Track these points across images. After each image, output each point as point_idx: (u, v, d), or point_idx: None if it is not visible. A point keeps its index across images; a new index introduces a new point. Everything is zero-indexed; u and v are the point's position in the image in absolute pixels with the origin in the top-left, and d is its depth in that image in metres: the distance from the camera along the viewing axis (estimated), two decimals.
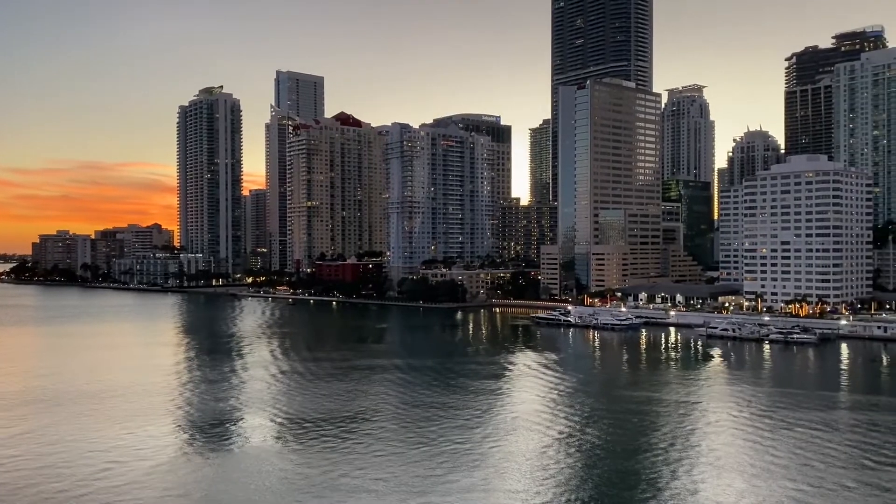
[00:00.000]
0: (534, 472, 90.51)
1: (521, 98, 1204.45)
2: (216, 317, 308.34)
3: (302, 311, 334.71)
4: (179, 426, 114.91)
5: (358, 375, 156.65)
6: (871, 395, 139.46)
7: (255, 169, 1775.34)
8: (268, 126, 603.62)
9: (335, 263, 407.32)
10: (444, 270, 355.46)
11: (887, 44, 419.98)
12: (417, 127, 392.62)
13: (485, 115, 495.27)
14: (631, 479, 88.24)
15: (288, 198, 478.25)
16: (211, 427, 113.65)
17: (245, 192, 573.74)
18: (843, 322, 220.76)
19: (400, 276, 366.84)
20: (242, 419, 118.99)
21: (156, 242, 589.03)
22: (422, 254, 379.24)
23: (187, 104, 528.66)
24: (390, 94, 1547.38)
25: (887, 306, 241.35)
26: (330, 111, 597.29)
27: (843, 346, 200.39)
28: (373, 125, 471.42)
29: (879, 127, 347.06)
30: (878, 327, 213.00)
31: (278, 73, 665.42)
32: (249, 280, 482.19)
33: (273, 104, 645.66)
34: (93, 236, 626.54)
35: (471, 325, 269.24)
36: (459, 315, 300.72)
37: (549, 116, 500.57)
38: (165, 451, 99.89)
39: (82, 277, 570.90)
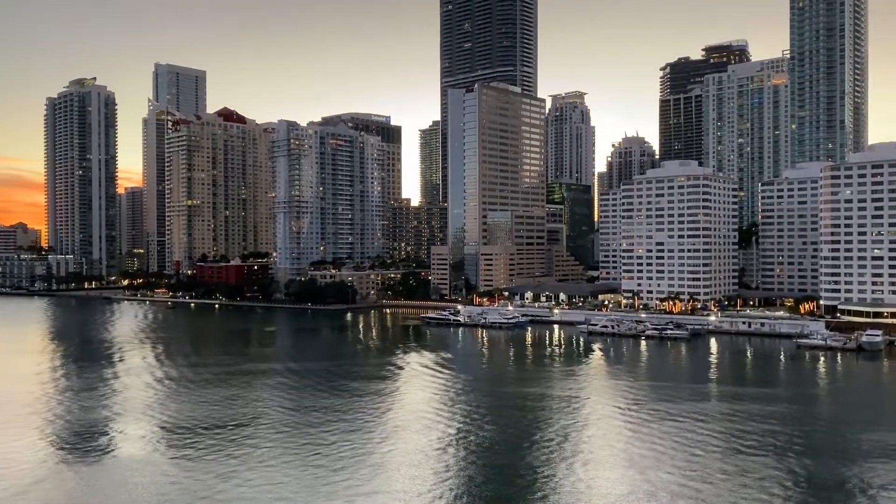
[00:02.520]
0: (423, 471, 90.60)
1: (412, 99, 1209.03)
2: (88, 321, 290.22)
3: (182, 315, 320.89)
4: (46, 438, 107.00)
5: (243, 380, 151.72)
6: (738, 387, 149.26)
7: (131, 166, 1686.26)
8: (145, 121, 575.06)
9: (218, 265, 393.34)
10: (333, 271, 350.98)
11: (751, 57, 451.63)
12: (305, 125, 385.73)
13: (375, 115, 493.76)
14: (518, 474, 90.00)
15: (167, 196, 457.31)
16: (81, 438, 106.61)
17: (120, 190, 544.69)
18: (712, 318, 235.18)
19: (287, 278, 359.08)
20: (116, 429, 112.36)
21: (21, 243, 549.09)
22: (310, 255, 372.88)
23: (56, 96, 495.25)
24: (277, 91, 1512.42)
25: (751, 303, 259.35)
26: (212, 107, 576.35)
27: (713, 341, 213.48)
28: (258, 122, 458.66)
29: (744, 135, 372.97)
30: (743, 322, 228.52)
31: (157, 65, 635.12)
32: (125, 282, 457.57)
33: (151, 98, 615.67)
34: None
35: (361, 327, 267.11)
36: (349, 317, 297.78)
37: (438, 118, 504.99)
38: (31, 466, 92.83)
39: None
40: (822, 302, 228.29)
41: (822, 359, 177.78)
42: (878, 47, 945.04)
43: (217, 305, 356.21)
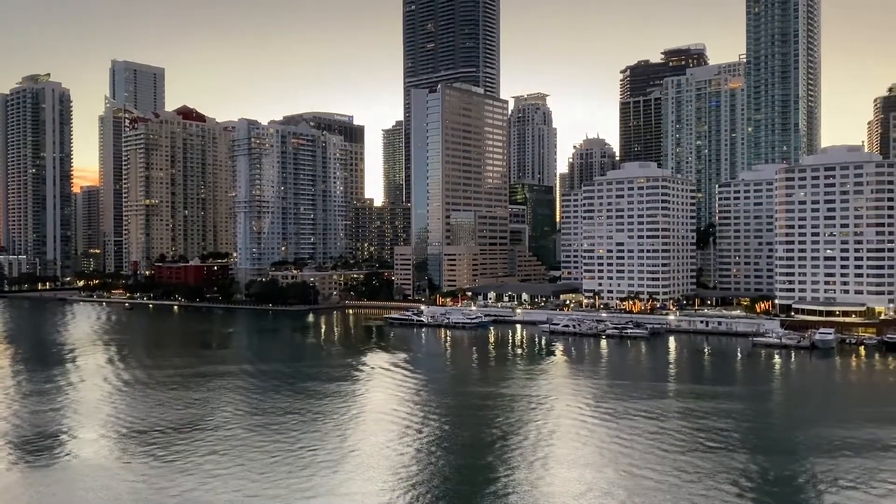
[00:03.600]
0: (385, 472, 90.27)
1: (375, 99, 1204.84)
2: (42, 323, 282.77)
3: (140, 316, 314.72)
4: None
5: (201, 383, 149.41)
6: (696, 385, 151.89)
7: (87, 164, 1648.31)
8: (102, 118, 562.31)
9: (177, 265, 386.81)
10: (295, 272, 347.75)
11: (709, 61, 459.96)
12: (266, 124, 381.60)
13: (337, 115, 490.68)
14: (479, 473, 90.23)
15: (124, 195, 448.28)
16: (31, 444, 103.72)
17: (76, 189, 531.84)
18: (671, 317, 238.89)
19: (248, 279, 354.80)
20: (68, 433, 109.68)
21: None
22: (271, 255, 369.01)
23: (8, 92, 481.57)
24: (237, 90, 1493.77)
25: (708, 302, 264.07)
26: (171, 104, 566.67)
27: (671, 340, 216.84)
28: (218, 121, 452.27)
29: (702, 137, 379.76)
30: (701, 321, 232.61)
31: (114, 62, 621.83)
32: (81, 283, 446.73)
33: (108, 95, 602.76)
34: None
35: (323, 328, 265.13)
36: (311, 317, 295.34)
37: (402, 118, 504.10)
38: None
39: None
40: (777, 301, 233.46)
41: (777, 357, 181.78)
42: (829, 53, 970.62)
43: (176, 307, 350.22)
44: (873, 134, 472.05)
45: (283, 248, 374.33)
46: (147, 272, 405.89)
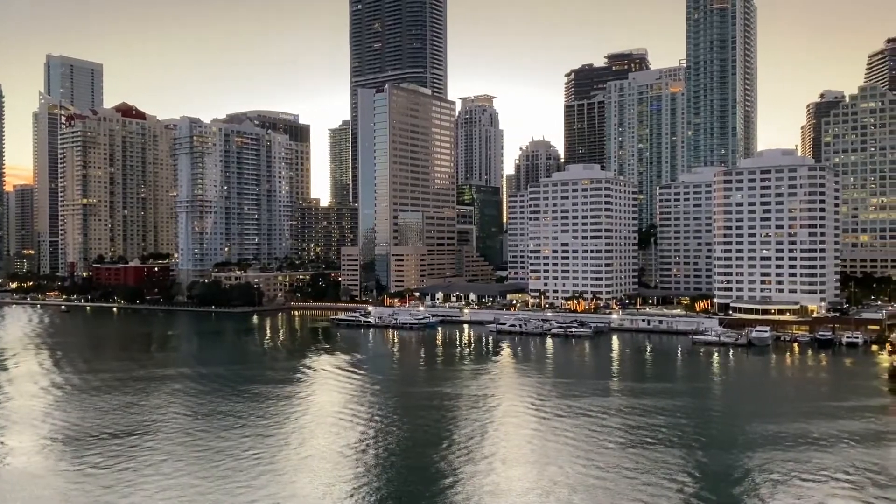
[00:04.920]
0: (330, 473, 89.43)
1: (321, 98, 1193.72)
2: None
3: (77, 319, 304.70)
4: None
5: (139, 387, 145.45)
6: (638, 382, 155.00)
7: (20, 162, 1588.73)
8: (36, 115, 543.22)
9: (116, 266, 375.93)
10: (238, 273, 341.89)
11: (650, 65, 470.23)
12: (209, 122, 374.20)
13: (282, 113, 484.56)
14: (426, 474, 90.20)
15: (60, 195, 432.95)
16: None
17: (8, 188, 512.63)
18: (614, 316, 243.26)
19: (190, 280, 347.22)
20: (1, 439, 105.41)
21: None
22: (214, 256, 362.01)
23: None
24: (179, 87, 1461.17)
25: (650, 301, 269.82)
26: (110, 101, 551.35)
27: (615, 338, 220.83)
28: (159, 118, 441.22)
29: (643, 140, 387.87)
30: (643, 320, 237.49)
31: (49, 57, 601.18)
32: (14, 286, 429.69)
33: (42, 91, 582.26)
34: None
35: (268, 330, 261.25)
36: (256, 319, 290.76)
37: (349, 118, 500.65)
38: None
39: None
40: (715, 300, 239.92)
41: (716, 354, 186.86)
42: (765, 59, 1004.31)
43: (115, 309, 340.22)
44: (806, 138, 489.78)
45: (226, 249, 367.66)
46: (85, 274, 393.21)
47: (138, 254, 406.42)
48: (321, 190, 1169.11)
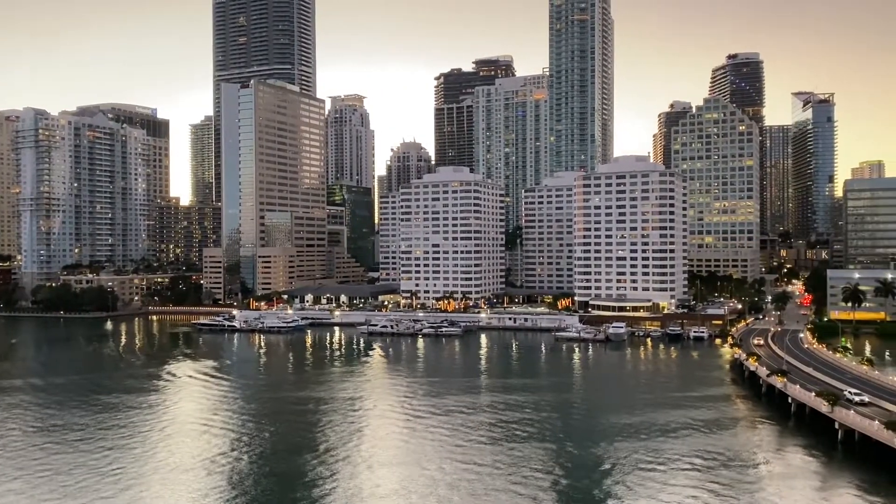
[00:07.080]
0: (196, 484, 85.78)
1: (182, 92, 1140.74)
2: None
3: None
4: None
5: None
6: (505, 379, 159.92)
7: None
8: None
9: None
10: (90, 276, 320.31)
11: (516, 72, 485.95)
12: (57, 114, 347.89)
13: (139, 107, 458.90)
14: (298, 480, 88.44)
15: None
16: None
17: None
18: (483, 315, 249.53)
19: (35, 284, 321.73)
20: None
21: None
22: (63, 258, 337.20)
23: None
24: (23, 77, 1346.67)
25: (516, 300, 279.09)
26: None
27: (483, 337, 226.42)
28: (0, 109, 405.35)
29: (510, 145, 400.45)
30: (510, 319, 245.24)
31: None
32: None
33: None
34: None
35: (123, 336, 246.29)
36: (109, 325, 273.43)
37: (211, 113, 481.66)
38: None
39: None
40: (576, 298, 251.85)
41: (577, 350, 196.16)
42: (621, 71, 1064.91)
43: None
44: (658, 146, 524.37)
45: (76, 250, 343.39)
46: None
47: None
48: (182, 188, 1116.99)
